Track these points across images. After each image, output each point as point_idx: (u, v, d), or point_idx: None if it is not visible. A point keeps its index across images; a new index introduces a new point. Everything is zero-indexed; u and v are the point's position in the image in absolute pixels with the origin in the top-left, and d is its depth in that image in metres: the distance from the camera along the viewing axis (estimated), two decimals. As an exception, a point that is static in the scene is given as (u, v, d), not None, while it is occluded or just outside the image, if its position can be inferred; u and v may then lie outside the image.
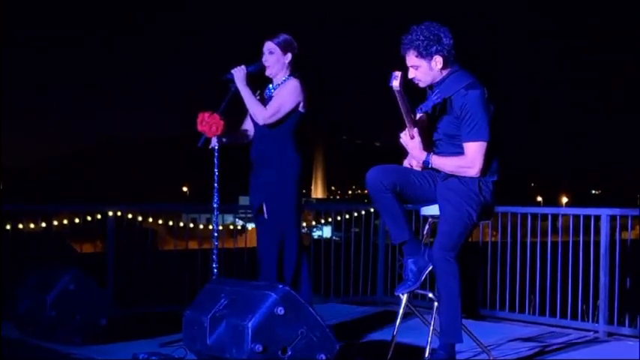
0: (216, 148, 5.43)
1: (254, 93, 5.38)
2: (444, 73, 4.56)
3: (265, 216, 5.42)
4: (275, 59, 5.39)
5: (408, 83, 4.51)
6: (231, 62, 5.40)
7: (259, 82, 5.51)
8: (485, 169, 4.50)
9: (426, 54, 4.51)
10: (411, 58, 4.55)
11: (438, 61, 4.52)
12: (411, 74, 4.57)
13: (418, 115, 4.69)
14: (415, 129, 4.53)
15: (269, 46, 5.40)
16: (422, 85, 4.64)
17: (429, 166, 4.57)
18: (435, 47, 4.49)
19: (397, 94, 4.33)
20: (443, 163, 4.54)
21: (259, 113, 5.34)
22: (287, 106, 5.33)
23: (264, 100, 5.43)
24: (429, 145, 4.61)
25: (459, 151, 4.52)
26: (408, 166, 4.72)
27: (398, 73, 4.30)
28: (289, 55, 5.38)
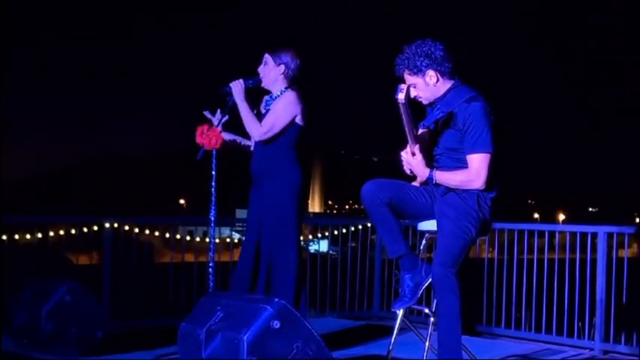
0: (214, 161, 5.42)
1: (252, 108, 5.37)
2: (444, 88, 4.55)
3: (263, 230, 5.40)
4: (267, 70, 5.40)
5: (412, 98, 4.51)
6: (230, 73, 5.40)
7: (258, 96, 5.51)
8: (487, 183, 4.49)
9: (417, 70, 4.51)
10: (407, 77, 4.55)
11: (431, 75, 4.51)
12: (412, 93, 4.52)
13: (420, 131, 4.68)
14: (417, 145, 4.48)
15: (265, 57, 5.42)
16: (424, 102, 4.62)
17: (433, 182, 4.53)
18: (424, 62, 4.48)
19: (402, 107, 4.30)
20: (447, 178, 4.49)
21: (255, 130, 5.33)
22: (282, 120, 5.32)
23: (261, 114, 5.43)
24: (429, 161, 4.60)
25: (460, 165, 4.49)
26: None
27: (404, 86, 4.29)
28: (282, 67, 5.37)
